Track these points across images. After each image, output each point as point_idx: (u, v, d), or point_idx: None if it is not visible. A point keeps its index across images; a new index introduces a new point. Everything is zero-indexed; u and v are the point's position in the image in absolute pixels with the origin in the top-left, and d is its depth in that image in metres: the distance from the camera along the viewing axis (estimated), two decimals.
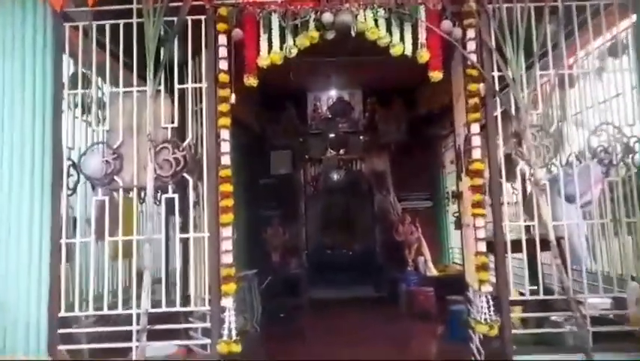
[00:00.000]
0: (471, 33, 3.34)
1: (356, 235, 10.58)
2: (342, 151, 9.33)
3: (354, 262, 10.17)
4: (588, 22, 3.35)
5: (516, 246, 3.31)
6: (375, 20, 3.29)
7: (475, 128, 3.27)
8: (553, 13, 3.28)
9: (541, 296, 3.26)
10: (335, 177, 9.70)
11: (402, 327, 7.17)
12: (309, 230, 9.93)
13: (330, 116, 8.53)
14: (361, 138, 9.47)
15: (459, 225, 4.11)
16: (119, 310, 3.37)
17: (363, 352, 5.65)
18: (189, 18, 3.44)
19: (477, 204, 3.22)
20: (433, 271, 8.72)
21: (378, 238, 9.64)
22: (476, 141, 3.26)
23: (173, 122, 3.46)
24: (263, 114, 9.02)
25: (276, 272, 8.29)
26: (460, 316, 6.06)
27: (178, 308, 3.38)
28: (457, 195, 4.10)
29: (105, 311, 3.35)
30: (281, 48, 3.37)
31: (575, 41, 3.41)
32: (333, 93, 9.15)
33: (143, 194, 3.91)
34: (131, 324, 3.26)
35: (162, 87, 3.48)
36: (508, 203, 3.63)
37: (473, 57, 3.30)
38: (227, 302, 3.22)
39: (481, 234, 3.20)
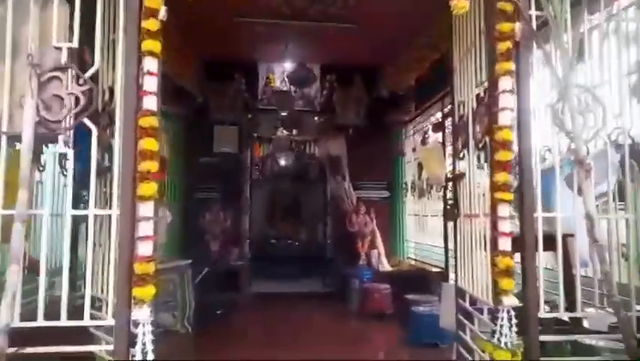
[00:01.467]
0: None
1: (306, 224, 9.59)
2: (294, 131, 8.25)
3: (302, 253, 9.19)
4: None
5: None
6: None
7: (506, 83, 2.34)
8: None
9: (580, 313, 2.41)
10: (285, 159, 8.63)
11: (354, 328, 6.29)
12: (255, 217, 8.79)
13: (285, 89, 7.39)
14: (317, 118, 8.44)
15: (452, 215, 3.21)
16: None
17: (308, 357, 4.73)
18: None
19: (503, 187, 2.30)
20: (386, 266, 7.93)
21: (329, 228, 8.69)
22: (506, 100, 2.34)
23: (71, 41, 2.24)
24: (207, 83, 7.76)
25: (215, 263, 7.11)
26: (423, 319, 5.29)
27: (63, 322, 2.18)
28: (454, 178, 3.19)
29: None
30: None
31: None
32: (288, 66, 8.01)
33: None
34: None
35: None
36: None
37: None
38: (142, 314, 2.08)
39: (507, 227, 2.29)
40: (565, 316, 2.45)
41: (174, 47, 6.18)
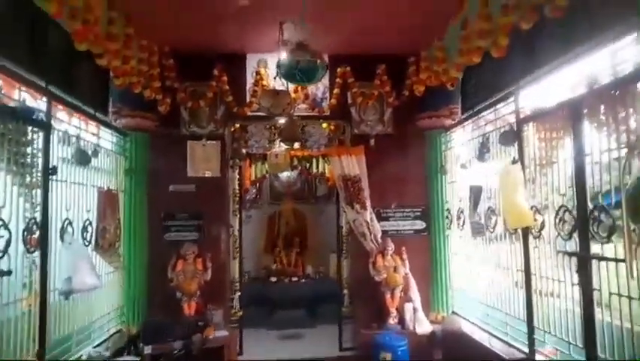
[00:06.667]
0: None
1: (314, 267, 7.25)
2: (296, 145, 5.89)
3: (310, 305, 6.88)
4: None
5: None
6: None
7: None
8: None
9: None
10: (286, 182, 6.27)
11: None
12: (247, 260, 6.49)
13: (282, 87, 4.99)
14: (325, 126, 6.10)
15: None
16: None
17: None
18: None
19: None
20: (424, 326, 5.61)
21: (346, 273, 6.36)
22: None
23: None
24: (178, 84, 5.48)
25: (187, 334, 4.87)
26: None
27: None
28: None
29: None
30: None
31: None
32: (285, 57, 5.63)
33: None
34: None
35: None
36: None
37: None
38: None
39: None
40: None
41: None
